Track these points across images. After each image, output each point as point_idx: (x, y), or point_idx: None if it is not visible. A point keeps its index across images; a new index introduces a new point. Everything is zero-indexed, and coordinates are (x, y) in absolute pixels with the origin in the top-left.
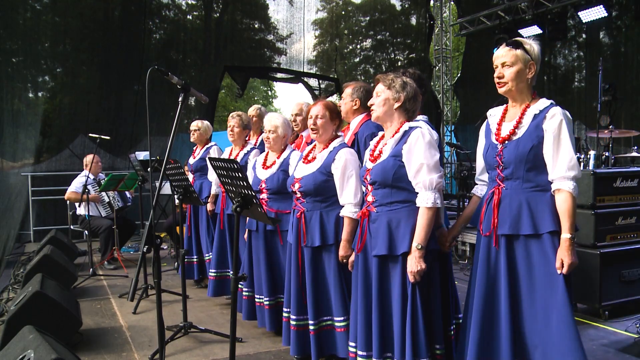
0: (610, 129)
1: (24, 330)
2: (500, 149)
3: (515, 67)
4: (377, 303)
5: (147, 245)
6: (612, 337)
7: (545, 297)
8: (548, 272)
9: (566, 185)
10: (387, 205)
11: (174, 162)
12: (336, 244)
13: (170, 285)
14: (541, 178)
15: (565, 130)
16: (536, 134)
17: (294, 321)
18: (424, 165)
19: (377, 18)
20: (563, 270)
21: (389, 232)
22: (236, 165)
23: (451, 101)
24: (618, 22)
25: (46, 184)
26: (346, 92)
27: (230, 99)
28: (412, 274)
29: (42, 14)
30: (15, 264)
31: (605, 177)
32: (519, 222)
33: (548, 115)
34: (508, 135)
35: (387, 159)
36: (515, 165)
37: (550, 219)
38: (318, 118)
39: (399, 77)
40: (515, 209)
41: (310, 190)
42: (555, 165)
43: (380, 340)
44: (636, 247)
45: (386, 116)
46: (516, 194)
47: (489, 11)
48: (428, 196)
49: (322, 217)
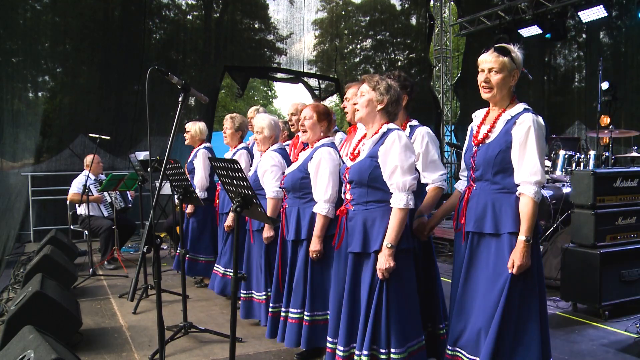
0: (610, 129)
1: (24, 330)
2: (475, 151)
3: (502, 74)
4: (348, 296)
5: (147, 245)
6: (612, 337)
7: (495, 293)
8: (499, 270)
9: (528, 190)
10: (363, 204)
11: (174, 162)
12: (308, 239)
13: (170, 285)
14: (508, 181)
15: (533, 137)
16: (505, 139)
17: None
18: (398, 167)
19: (377, 18)
20: (513, 271)
21: (364, 230)
22: (237, 165)
23: (451, 101)
24: (618, 22)
25: (46, 184)
26: (351, 92)
27: (230, 99)
28: (381, 271)
29: (42, 14)
30: (15, 264)
31: (605, 177)
32: (482, 221)
33: (518, 122)
34: (482, 138)
35: (364, 159)
36: (484, 167)
37: (511, 220)
38: (306, 119)
39: (384, 79)
40: (480, 209)
41: (289, 186)
42: (519, 170)
43: (347, 330)
44: (636, 247)
45: (369, 117)
46: (483, 194)
47: (489, 11)
48: (401, 197)
49: (299, 212)
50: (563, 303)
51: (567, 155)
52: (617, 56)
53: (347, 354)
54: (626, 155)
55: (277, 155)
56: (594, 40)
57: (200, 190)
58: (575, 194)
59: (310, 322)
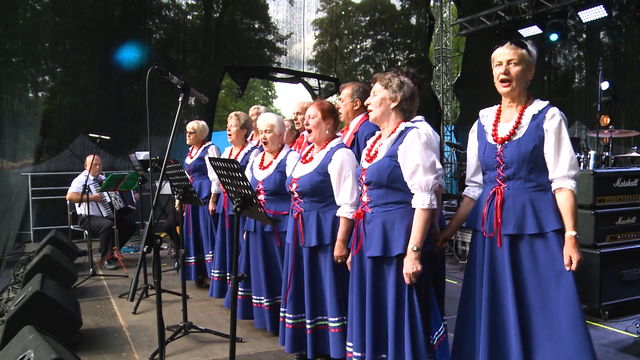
0: (610, 129)
1: (24, 330)
2: (500, 149)
3: (521, 66)
4: (371, 304)
5: (147, 245)
6: (612, 337)
7: (554, 296)
8: (555, 270)
9: (568, 184)
10: (381, 206)
11: (174, 162)
12: (332, 244)
13: (170, 285)
14: (542, 178)
15: (565, 130)
16: (537, 134)
17: (290, 320)
18: (420, 167)
19: (377, 18)
20: (572, 267)
21: (384, 233)
22: (236, 165)
23: (451, 101)
24: (618, 22)
25: (46, 184)
26: (345, 92)
27: (230, 99)
28: (408, 275)
29: (42, 14)
30: (15, 264)
31: (605, 177)
32: (523, 222)
33: (548, 116)
34: (508, 135)
35: (382, 159)
36: (518, 165)
37: (554, 217)
38: (311, 118)
39: (396, 76)
40: (519, 209)
41: (307, 190)
42: (557, 164)
43: (373, 341)
44: (636, 247)
45: (383, 116)
46: (519, 193)
47: (489, 11)
48: (424, 197)
49: (319, 217)
50: None
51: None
52: (617, 56)
53: None
54: (626, 155)
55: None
56: (594, 40)
57: (217, 185)
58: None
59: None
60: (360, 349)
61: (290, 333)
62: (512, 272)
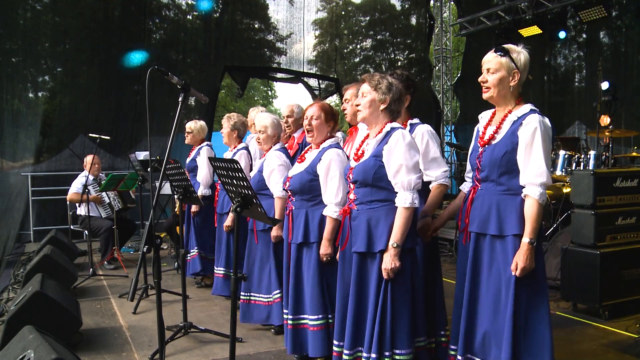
0: (610, 129)
1: (24, 330)
2: (480, 152)
3: (499, 74)
4: (354, 297)
5: (147, 245)
6: (612, 337)
7: (499, 295)
8: (505, 272)
9: (533, 192)
10: (367, 203)
11: (174, 162)
12: (318, 242)
13: (170, 285)
14: (513, 182)
15: (539, 138)
16: (511, 140)
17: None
18: (403, 166)
19: (377, 18)
20: (516, 273)
21: (369, 230)
22: (237, 165)
23: (451, 101)
24: (618, 22)
25: (46, 184)
26: (350, 93)
27: (230, 99)
28: (386, 271)
29: (42, 14)
30: (15, 264)
31: (605, 177)
32: (487, 222)
33: (524, 122)
34: (488, 139)
35: (368, 158)
36: (490, 168)
37: (516, 222)
38: (313, 119)
39: (385, 78)
40: (485, 210)
41: (297, 189)
42: (525, 171)
43: (352, 333)
44: (636, 247)
45: (372, 117)
46: (488, 195)
47: (489, 11)
48: (406, 196)
49: (307, 215)
50: (563, 303)
51: (567, 155)
52: (617, 56)
53: (352, 357)
54: (626, 155)
55: (282, 155)
56: (594, 40)
57: (205, 187)
58: (575, 194)
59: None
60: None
61: (290, 333)
62: (471, 267)
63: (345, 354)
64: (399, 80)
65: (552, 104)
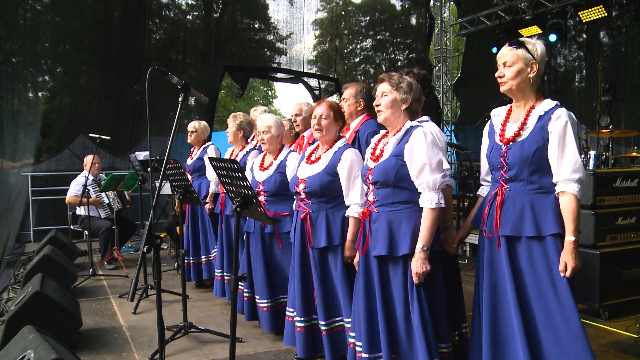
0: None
1: (24, 330)
2: (505, 150)
3: (516, 66)
4: (382, 305)
5: (147, 245)
6: (612, 337)
7: (551, 301)
8: (551, 275)
9: (571, 188)
10: (388, 205)
11: (174, 162)
12: (342, 245)
13: (170, 285)
14: (545, 180)
15: (571, 132)
16: (541, 135)
17: (301, 323)
18: (427, 165)
19: (377, 18)
20: (566, 274)
21: (390, 232)
22: (236, 165)
23: (451, 101)
24: (618, 22)
25: (46, 184)
26: (348, 92)
27: (230, 99)
28: (417, 275)
29: (42, 14)
30: (15, 264)
31: (605, 177)
32: (521, 224)
33: (553, 117)
34: (513, 136)
35: (389, 158)
36: (520, 166)
37: (553, 221)
38: (322, 118)
39: (404, 77)
40: (518, 211)
41: (316, 190)
42: (560, 167)
43: (388, 341)
44: (636, 247)
45: (393, 117)
46: (519, 195)
47: (489, 11)
48: (432, 197)
49: (328, 217)
50: None
51: None
52: (617, 56)
53: None
54: (626, 155)
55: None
56: (594, 40)
57: (216, 185)
58: None
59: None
60: (369, 350)
61: (302, 337)
62: (511, 273)
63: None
64: (416, 79)
65: None
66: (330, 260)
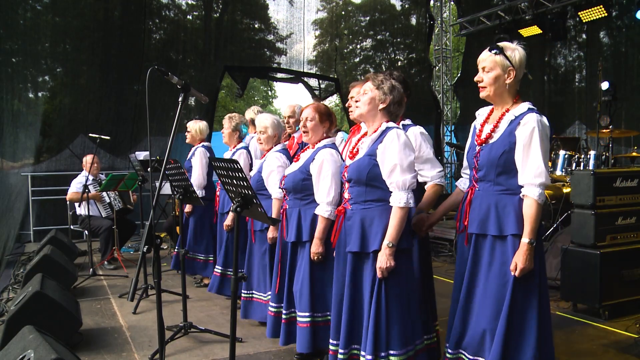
0: (610, 129)
1: (24, 330)
2: (478, 151)
3: (493, 72)
4: (348, 297)
5: (147, 245)
6: (612, 337)
7: (498, 295)
8: (503, 271)
9: (531, 192)
10: (361, 203)
11: (174, 162)
12: (310, 241)
13: (170, 285)
14: (511, 182)
15: (537, 138)
16: (509, 139)
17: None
18: (398, 166)
19: (377, 18)
20: (515, 273)
21: (362, 229)
22: (236, 165)
23: (451, 101)
24: (618, 22)
25: (46, 184)
26: (355, 91)
27: (230, 99)
28: (381, 270)
29: (42, 14)
30: (15, 264)
31: (605, 177)
32: (486, 223)
33: (522, 122)
34: (485, 138)
35: (363, 157)
36: (487, 168)
37: (514, 222)
38: (308, 120)
39: (388, 79)
40: (484, 210)
41: (290, 187)
42: (523, 171)
43: (347, 332)
44: (636, 247)
45: (369, 115)
46: (487, 195)
47: (489, 11)
48: (401, 196)
49: (300, 214)
50: (563, 303)
51: (567, 155)
52: (617, 56)
53: (347, 356)
54: (626, 155)
55: (282, 156)
56: (594, 40)
57: (198, 189)
58: (575, 194)
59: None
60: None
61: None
62: (470, 267)
63: (341, 352)
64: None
65: (552, 104)
66: (299, 255)
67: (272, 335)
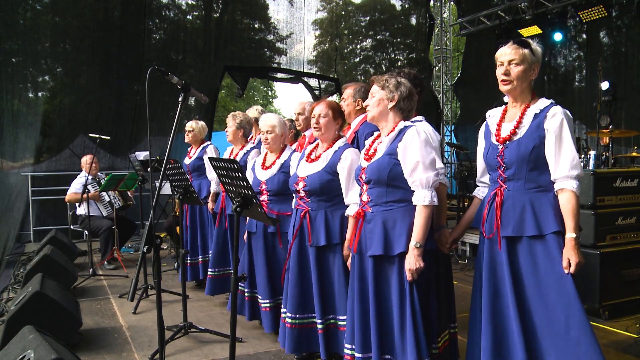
0: (610, 129)
1: (24, 330)
2: (502, 150)
3: (522, 66)
4: (374, 304)
5: (147, 245)
6: (612, 337)
7: (554, 300)
8: (554, 273)
9: (569, 185)
10: (382, 204)
11: (174, 162)
12: (341, 244)
13: (170, 285)
14: (543, 178)
15: (567, 129)
16: (537, 133)
17: (291, 319)
18: (420, 163)
19: (377, 18)
20: (570, 270)
21: (385, 232)
22: (236, 165)
23: (451, 101)
24: (618, 22)
25: (46, 184)
26: (347, 92)
27: (230, 99)
28: (411, 272)
29: (42, 14)
30: (15, 264)
31: (605, 177)
32: (522, 224)
33: (549, 115)
34: (509, 135)
35: (382, 157)
36: (518, 165)
37: (553, 219)
38: (321, 117)
39: (392, 77)
40: (518, 211)
41: (316, 189)
42: (557, 164)
43: (378, 341)
44: (636, 247)
45: (381, 116)
46: (519, 195)
47: (489, 11)
48: (425, 194)
49: (327, 216)
50: None
51: None
52: (617, 56)
53: None
54: (626, 155)
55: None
56: (594, 40)
57: (216, 184)
58: None
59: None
60: (362, 350)
61: (290, 333)
62: (511, 275)
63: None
64: (406, 79)
65: None
66: (329, 259)
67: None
